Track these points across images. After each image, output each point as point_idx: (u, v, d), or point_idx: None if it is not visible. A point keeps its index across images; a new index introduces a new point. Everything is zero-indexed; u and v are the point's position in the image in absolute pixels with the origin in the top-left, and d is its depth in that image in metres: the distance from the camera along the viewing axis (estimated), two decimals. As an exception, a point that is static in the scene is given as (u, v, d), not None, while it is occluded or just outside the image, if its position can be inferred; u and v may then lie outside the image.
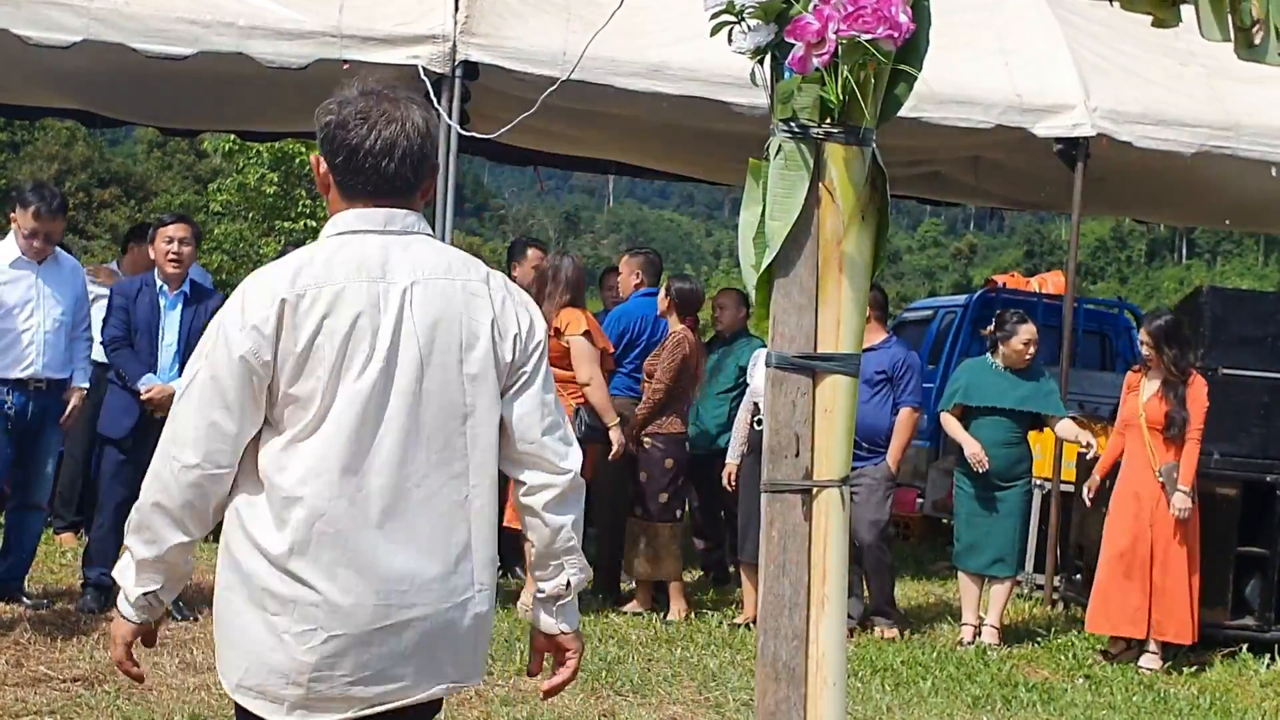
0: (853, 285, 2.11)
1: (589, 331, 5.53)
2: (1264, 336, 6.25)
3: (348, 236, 1.97)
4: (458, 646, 1.99)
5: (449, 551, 1.96)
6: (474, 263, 2.06)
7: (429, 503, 1.93)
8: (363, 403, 1.89)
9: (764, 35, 2.08)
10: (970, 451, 5.67)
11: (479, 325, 1.98)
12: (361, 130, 1.95)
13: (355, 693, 1.91)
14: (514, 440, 2.03)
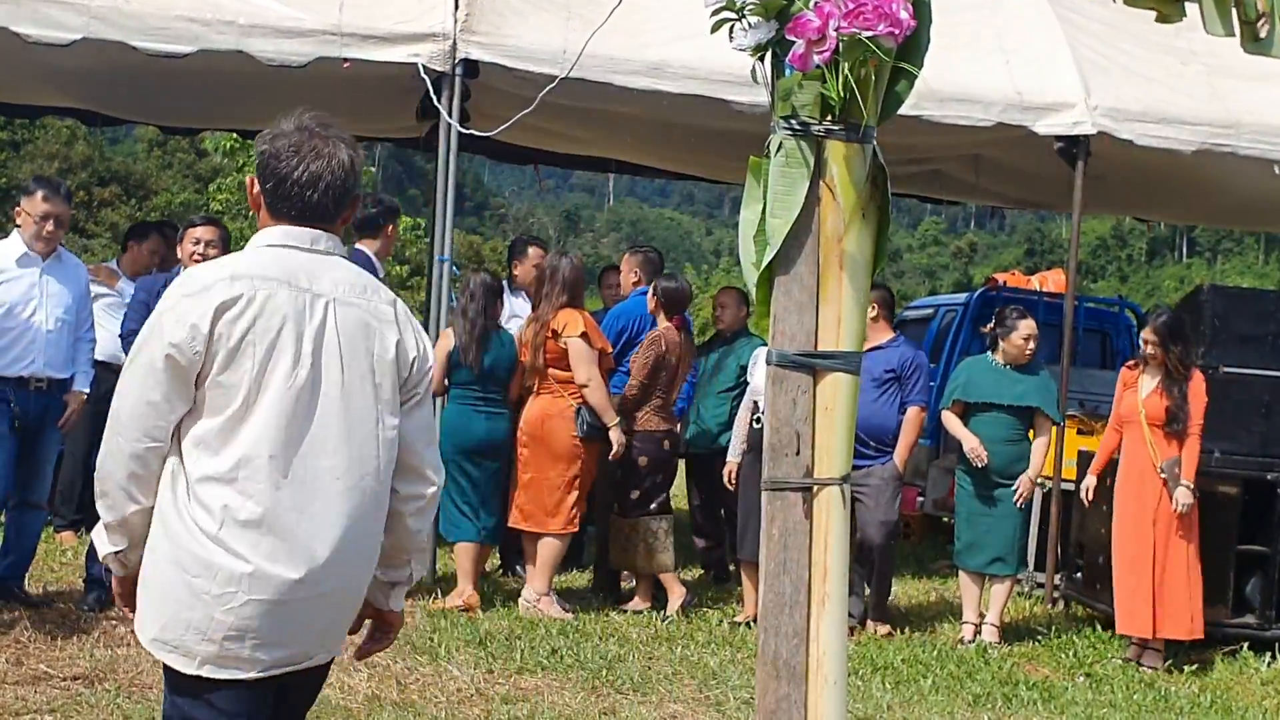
0: (853, 283, 2.11)
1: (586, 333, 5.52)
2: (1264, 335, 6.25)
3: (279, 249, 2.22)
4: (343, 621, 2.27)
5: (360, 538, 2.20)
6: (382, 288, 2.34)
7: (346, 494, 2.17)
8: (294, 400, 2.14)
9: (764, 32, 2.07)
10: (969, 446, 5.67)
11: (387, 343, 2.25)
12: (291, 162, 2.23)
13: (261, 655, 2.13)
14: (405, 450, 2.28)
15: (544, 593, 5.53)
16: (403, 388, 2.27)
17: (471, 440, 5.55)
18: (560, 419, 5.50)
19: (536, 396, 5.59)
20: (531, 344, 5.54)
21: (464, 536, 5.55)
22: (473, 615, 5.36)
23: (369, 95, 6.89)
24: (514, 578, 6.21)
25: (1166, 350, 5.39)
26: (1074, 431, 7.09)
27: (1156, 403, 5.41)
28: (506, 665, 4.66)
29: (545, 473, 5.51)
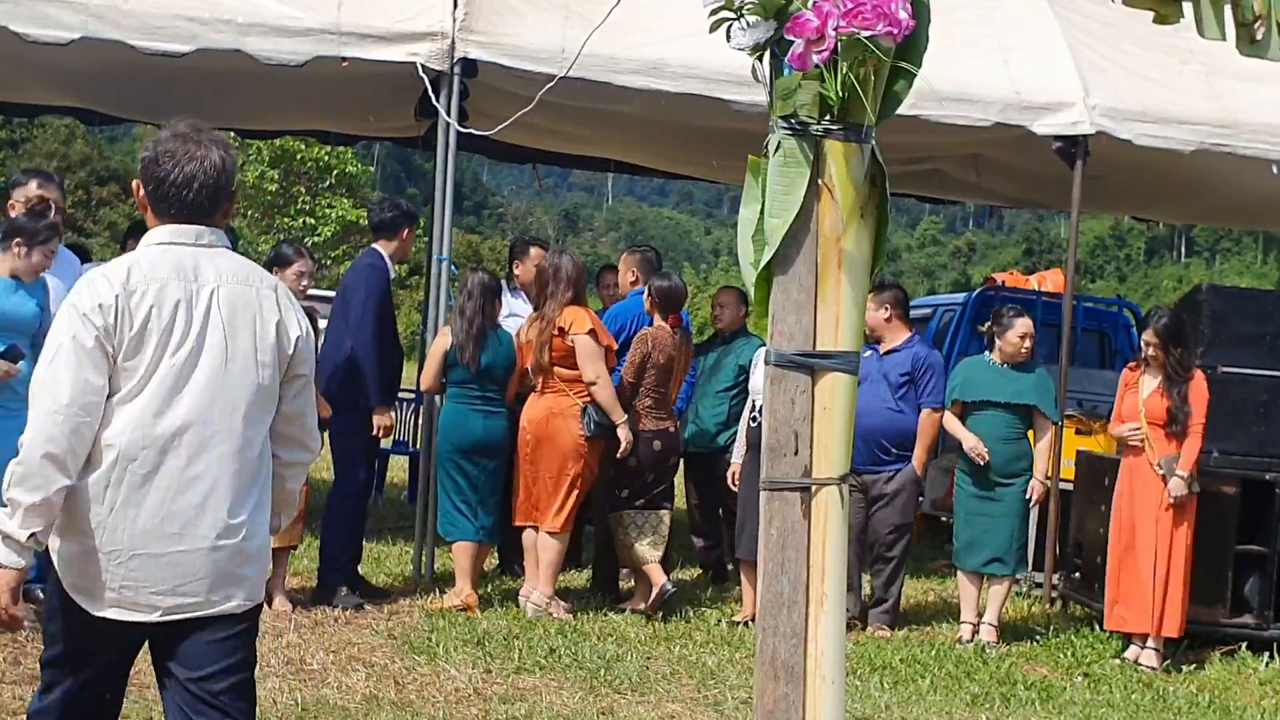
0: (852, 283, 2.10)
1: (594, 330, 5.51)
2: (1263, 334, 6.25)
3: (166, 247, 2.49)
4: (243, 573, 2.50)
5: (238, 497, 2.46)
6: (265, 274, 2.62)
7: (225, 458, 2.45)
8: (175, 374, 2.42)
9: (763, 31, 2.07)
10: (969, 445, 5.67)
11: (269, 323, 2.52)
12: (167, 166, 2.49)
13: (156, 601, 2.43)
14: (284, 422, 2.58)
15: (551, 596, 5.52)
16: (287, 365, 2.55)
17: (469, 439, 5.55)
18: (566, 417, 5.48)
19: (541, 395, 5.56)
20: (537, 341, 5.51)
21: (462, 536, 5.54)
22: (471, 615, 5.36)
23: (367, 94, 6.89)
24: (512, 577, 6.21)
25: (1167, 352, 5.40)
26: (1072, 431, 7.09)
27: (1158, 402, 5.41)
28: (504, 665, 4.66)
29: (550, 471, 5.49)
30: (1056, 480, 6.56)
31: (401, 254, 5.92)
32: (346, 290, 5.72)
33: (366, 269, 5.73)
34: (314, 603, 5.45)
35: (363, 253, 6.08)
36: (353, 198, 31.02)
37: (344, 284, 5.83)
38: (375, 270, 5.71)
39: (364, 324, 5.55)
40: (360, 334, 5.54)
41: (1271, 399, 6.19)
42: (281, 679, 4.27)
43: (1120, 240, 55.26)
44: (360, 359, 5.54)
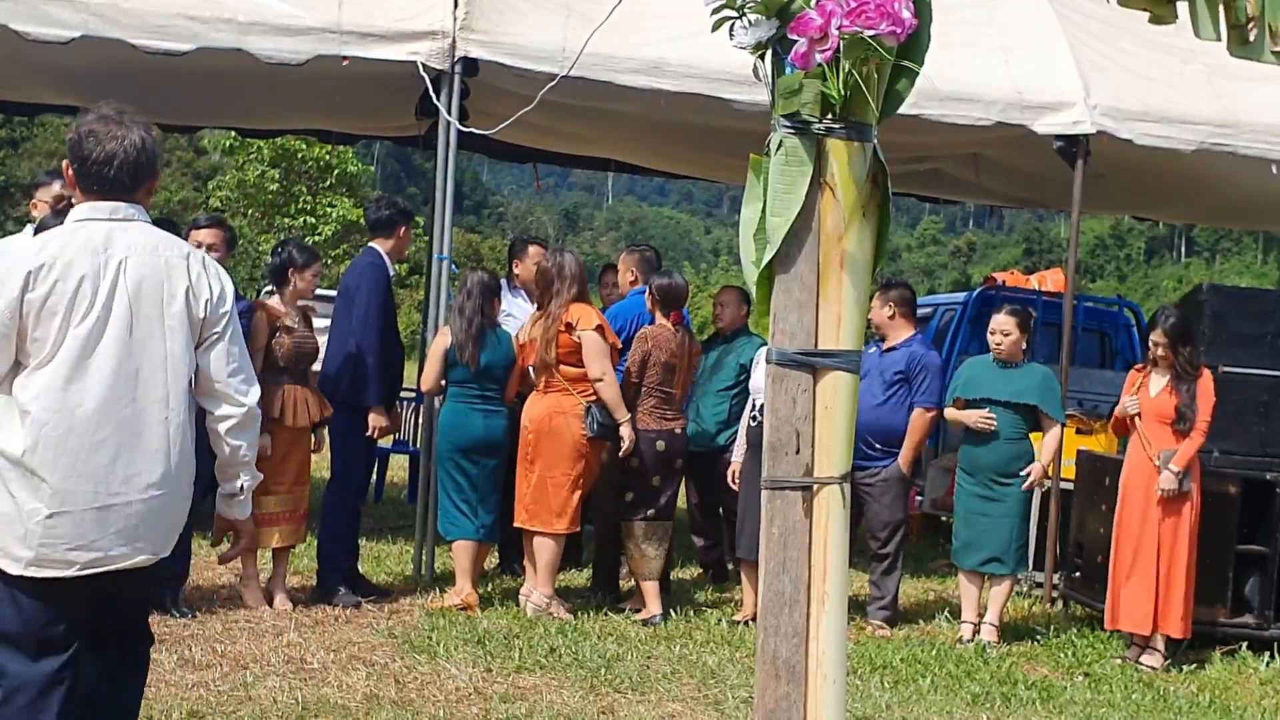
0: (853, 282, 2.10)
1: (600, 326, 5.50)
2: (1263, 334, 6.25)
3: (84, 222, 2.67)
4: (155, 528, 2.68)
5: (149, 455, 2.63)
6: (178, 243, 2.78)
7: (134, 419, 2.62)
8: (82, 342, 2.57)
9: (765, 30, 2.07)
10: (974, 419, 5.66)
11: (176, 289, 2.67)
12: (90, 145, 2.67)
13: (73, 557, 2.59)
14: (208, 381, 2.74)
15: (552, 596, 5.51)
16: (201, 327, 2.72)
17: (469, 439, 5.54)
18: (569, 416, 5.46)
19: (544, 394, 5.54)
20: (543, 337, 5.49)
21: (462, 535, 5.54)
22: (471, 614, 5.36)
23: (368, 93, 6.89)
24: (512, 576, 6.20)
25: (1176, 351, 5.41)
26: (1073, 431, 7.08)
27: (1165, 401, 5.41)
28: (505, 664, 4.65)
29: (552, 471, 5.47)
30: (1057, 480, 6.57)
31: (399, 252, 5.91)
32: (348, 290, 5.72)
33: (367, 268, 5.73)
34: (314, 601, 5.45)
35: (361, 252, 6.09)
36: (353, 197, 31.03)
37: (344, 284, 5.83)
38: (375, 269, 5.71)
39: (368, 323, 5.55)
40: (364, 333, 5.54)
41: (1272, 399, 6.19)
42: (282, 678, 4.27)
43: (1120, 240, 55.27)
44: (364, 358, 5.54)
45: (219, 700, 4.00)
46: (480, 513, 5.56)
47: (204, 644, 4.63)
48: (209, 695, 4.03)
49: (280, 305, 5.36)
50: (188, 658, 4.44)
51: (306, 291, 5.48)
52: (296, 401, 5.29)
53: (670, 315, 5.77)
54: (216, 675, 4.26)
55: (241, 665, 4.40)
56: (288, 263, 5.41)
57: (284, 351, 5.26)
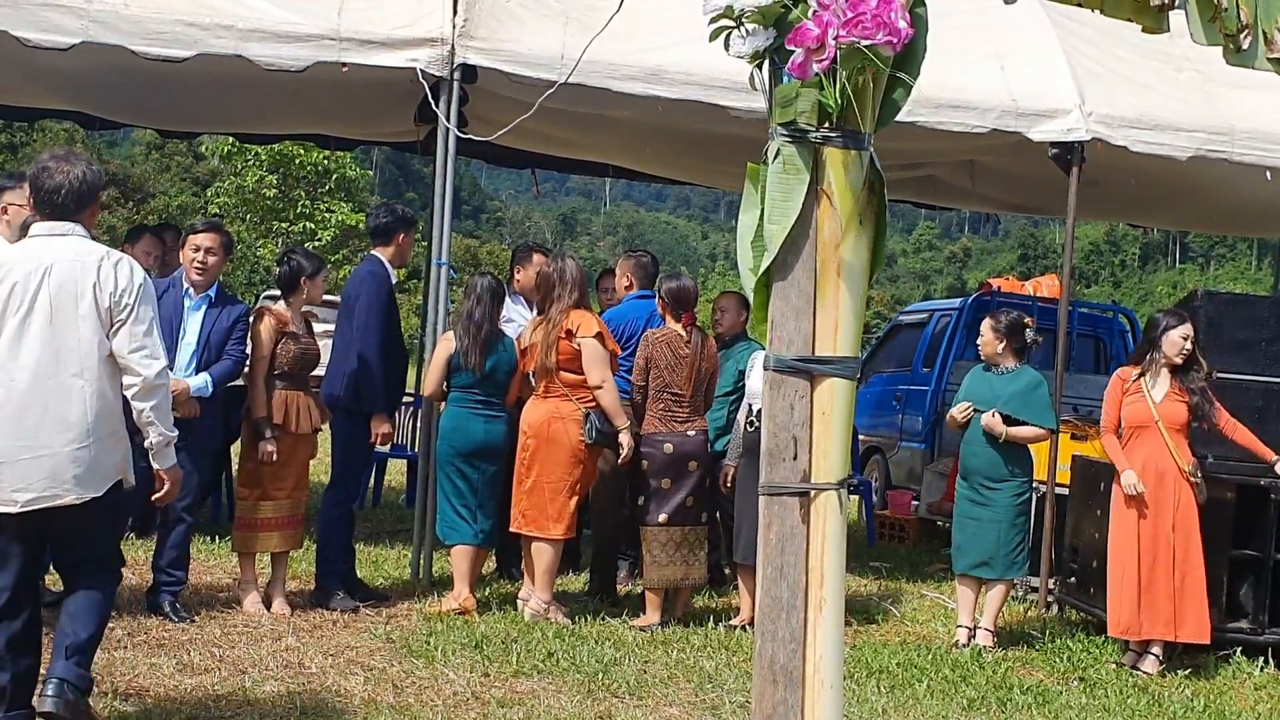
0: (850, 289, 2.12)
1: (600, 334, 5.51)
2: (1258, 340, 6.28)
3: (36, 238, 3.51)
4: (81, 473, 3.40)
5: (68, 418, 3.38)
6: (97, 249, 3.50)
7: (56, 391, 3.38)
8: (17, 329, 3.38)
9: (762, 40, 2.09)
10: (955, 409, 5.79)
11: (86, 287, 3.42)
12: (42, 178, 3.50)
13: (16, 496, 3.35)
14: (118, 357, 3.46)
15: (550, 601, 5.52)
16: (110, 314, 3.43)
17: (470, 443, 5.55)
18: (568, 422, 5.47)
19: (543, 399, 5.55)
20: (543, 343, 5.50)
21: (461, 539, 5.55)
22: (469, 618, 5.36)
23: (367, 99, 6.90)
24: (510, 581, 6.21)
25: (1197, 349, 5.45)
26: (1068, 436, 7.10)
27: (1178, 407, 5.42)
28: (503, 669, 4.66)
29: (549, 476, 5.48)
30: (1052, 485, 6.59)
31: (401, 258, 5.93)
32: (349, 298, 5.74)
33: (368, 276, 5.75)
34: (312, 606, 5.45)
35: (363, 260, 6.10)
36: (352, 202, 31.02)
37: (346, 292, 5.84)
38: (376, 277, 5.72)
39: (369, 332, 5.57)
40: (366, 341, 5.56)
41: (1266, 404, 6.22)
42: (280, 682, 4.28)
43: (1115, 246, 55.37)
44: (365, 366, 5.56)
45: (217, 704, 4.01)
46: (479, 517, 5.57)
47: (202, 648, 4.64)
48: (207, 699, 4.04)
49: (287, 312, 5.38)
50: (186, 662, 4.45)
51: (317, 299, 5.51)
52: (299, 408, 5.30)
53: (682, 318, 5.75)
54: (215, 679, 4.26)
55: (240, 670, 4.40)
56: (298, 271, 5.42)
57: (288, 358, 5.28)
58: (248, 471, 5.31)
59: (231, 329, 5.24)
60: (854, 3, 1.91)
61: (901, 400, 9.94)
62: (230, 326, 5.24)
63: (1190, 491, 5.41)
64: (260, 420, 5.20)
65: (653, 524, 5.58)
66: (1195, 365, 5.47)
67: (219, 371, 5.18)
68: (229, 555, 5.97)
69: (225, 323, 5.23)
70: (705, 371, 5.75)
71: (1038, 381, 5.77)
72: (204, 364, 5.16)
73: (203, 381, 5.12)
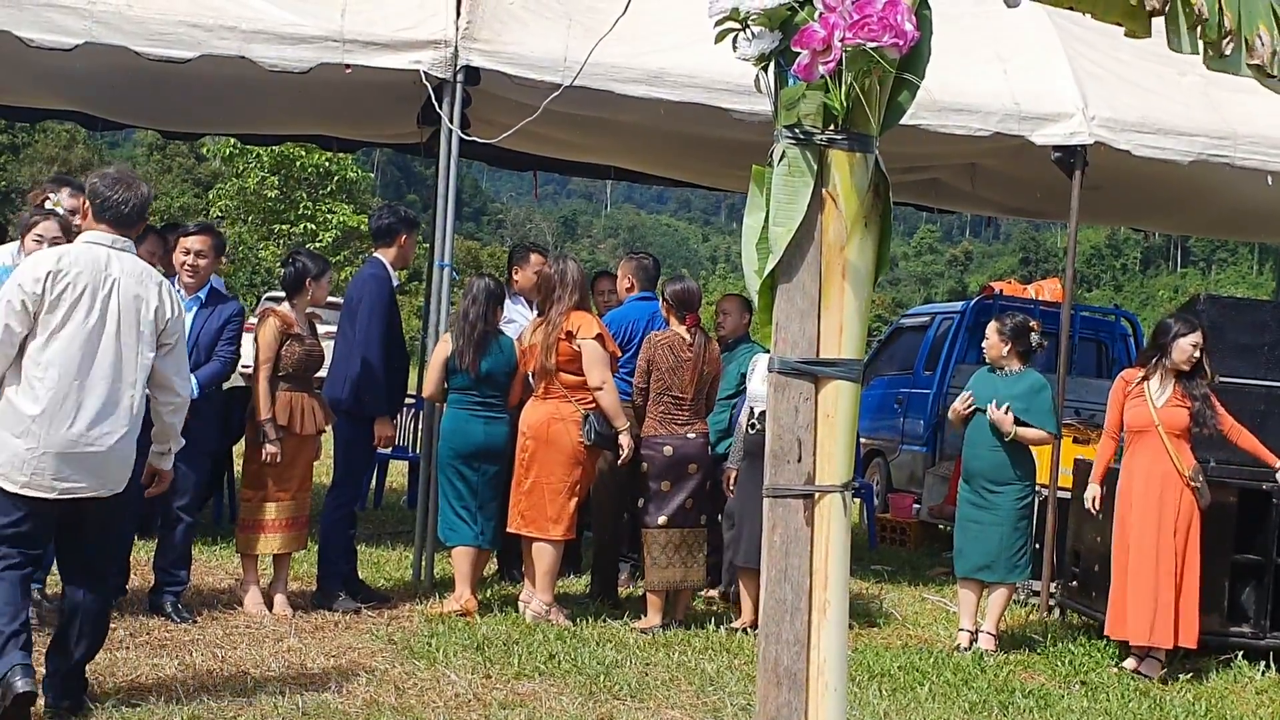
0: (855, 291, 2.12)
1: (601, 335, 5.51)
2: (1260, 345, 6.27)
3: (91, 245, 3.76)
4: (115, 471, 3.73)
5: (117, 420, 3.70)
6: (153, 272, 3.88)
7: (110, 393, 3.69)
8: (86, 335, 3.65)
9: (768, 42, 2.10)
10: (958, 401, 5.85)
11: (150, 308, 3.77)
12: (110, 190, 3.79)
13: (57, 485, 3.63)
14: (162, 376, 3.83)
15: (551, 603, 5.52)
16: (161, 335, 3.80)
17: (470, 445, 5.55)
18: (566, 424, 5.47)
19: (543, 400, 5.55)
20: (543, 344, 5.50)
21: (462, 541, 5.55)
22: (470, 620, 5.36)
23: (370, 101, 6.91)
24: (511, 583, 6.21)
25: (1203, 357, 5.46)
26: (1070, 440, 7.10)
27: (1179, 412, 5.42)
28: (504, 670, 4.66)
29: (548, 477, 5.48)
30: (1054, 489, 6.59)
31: (403, 260, 5.93)
32: (351, 301, 5.74)
33: (369, 279, 5.75)
34: (313, 607, 5.45)
35: (365, 262, 6.10)
36: (353, 204, 31.02)
37: (348, 295, 5.85)
38: (377, 280, 5.72)
39: (371, 334, 5.57)
40: (368, 344, 5.56)
41: (1268, 409, 6.21)
42: (281, 683, 4.28)
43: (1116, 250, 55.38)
44: (368, 368, 5.56)
45: (220, 705, 4.01)
46: (480, 519, 5.57)
47: (204, 649, 4.64)
48: (210, 700, 4.04)
49: (292, 313, 5.38)
50: (188, 663, 4.45)
51: (321, 300, 5.51)
52: (304, 410, 5.30)
53: (686, 319, 5.75)
54: (217, 680, 4.26)
55: (241, 670, 4.40)
56: (304, 272, 5.42)
57: (293, 359, 5.28)
58: (251, 473, 5.31)
59: (222, 329, 5.23)
60: (860, 5, 1.91)
61: (903, 403, 9.94)
62: (221, 327, 5.23)
63: (1191, 496, 5.40)
64: (265, 422, 5.20)
65: (653, 526, 5.58)
66: (1201, 373, 5.48)
67: (205, 374, 5.16)
68: (231, 556, 5.97)
69: (216, 323, 5.22)
70: (708, 374, 5.74)
71: (1041, 385, 5.77)
72: (195, 365, 5.15)
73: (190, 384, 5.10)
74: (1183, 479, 5.38)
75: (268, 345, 5.26)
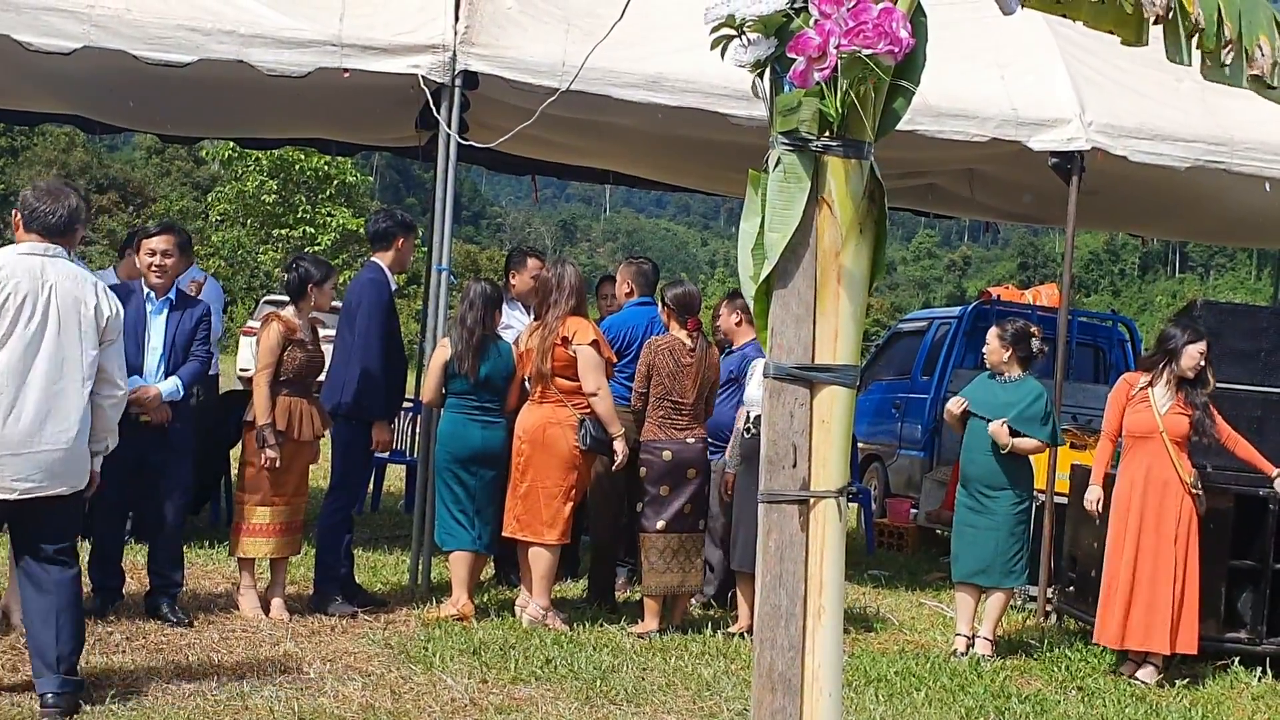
0: (850, 297, 2.13)
1: (596, 341, 5.51)
2: (1257, 350, 6.28)
3: (25, 255, 3.90)
4: (69, 468, 3.86)
5: (67, 419, 3.84)
6: (87, 274, 4.05)
7: (59, 395, 3.83)
8: (29, 338, 3.80)
9: (764, 49, 2.10)
10: (951, 402, 5.87)
11: (88, 308, 3.91)
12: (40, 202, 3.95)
13: (15, 485, 3.78)
14: (104, 371, 3.96)
15: (548, 607, 5.51)
16: (102, 333, 3.93)
17: (467, 449, 5.55)
18: (562, 428, 5.47)
19: (538, 405, 5.55)
20: (539, 349, 5.51)
21: (459, 545, 5.55)
22: (467, 624, 5.36)
23: (368, 105, 6.91)
24: (508, 587, 6.21)
25: (1208, 366, 5.47)
26: (1067, 446, 7.10)
27: (1181, 419, 5.42)
28: (501, 675, 4.66)
29: (543, 482, 5.49)
30: (1051, 494, 6.59)
31: (400, 264, 5.93)
32: (350, 305, 5.74)
33: (367, 283, 5.75)
34: (310, 611, 5.45)
35: (363, 267, 6.10)
36: (352, 207, 31.04)
37: (347, 299, 5.85)
38: (376, 284, 5.72)
39: (369, 339, 5.57)
40: (366, 348, 5.56)
41: (1265, 414, 6.22)
42: (278, 687, 4.27)
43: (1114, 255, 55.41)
44: (367, 373, 5.56)
45: (215, 709, 4.00)
46: (477, 523, 5.56)
47: (200, 653, 4.64)
48: (205, 704, 4.04)
49: (295, 319, 5.38)
50: (184, 667, 4.44)
51: (325, 305, 5.49)
52: (301, 415, 5.30)
53: (687, 323, 5.74)
54: (213, 685, 4.26)
55: (238, 675, 4.40)
56: (306, 278, 5.42)
57: (294, 365, 5.28)
58: (248, 477, 5.31)
59: (195, 330, 5.22)
60: (856, 12, 1.92)
61: (900, 408, 9.94)
62: (194, 327, 5.22)
63: (1191, 503, 5.41)
64: (264, 427, 5.20)
65: (651, 531, 5.57)
66: (1203, 381, 5.49)
67: (187, 374, 5.15)
68: (227, 560, 5.96)
69: (189, 324, 5.21)
70: (708, 379, 5.75)
71: (1040, 393, 5.77)
72: (172, 367, 5.13)
73: (173, 385, 5.09)
74: (1184, 485, 5.39)
75: (269, 350, 5.25)
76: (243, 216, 30.33)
